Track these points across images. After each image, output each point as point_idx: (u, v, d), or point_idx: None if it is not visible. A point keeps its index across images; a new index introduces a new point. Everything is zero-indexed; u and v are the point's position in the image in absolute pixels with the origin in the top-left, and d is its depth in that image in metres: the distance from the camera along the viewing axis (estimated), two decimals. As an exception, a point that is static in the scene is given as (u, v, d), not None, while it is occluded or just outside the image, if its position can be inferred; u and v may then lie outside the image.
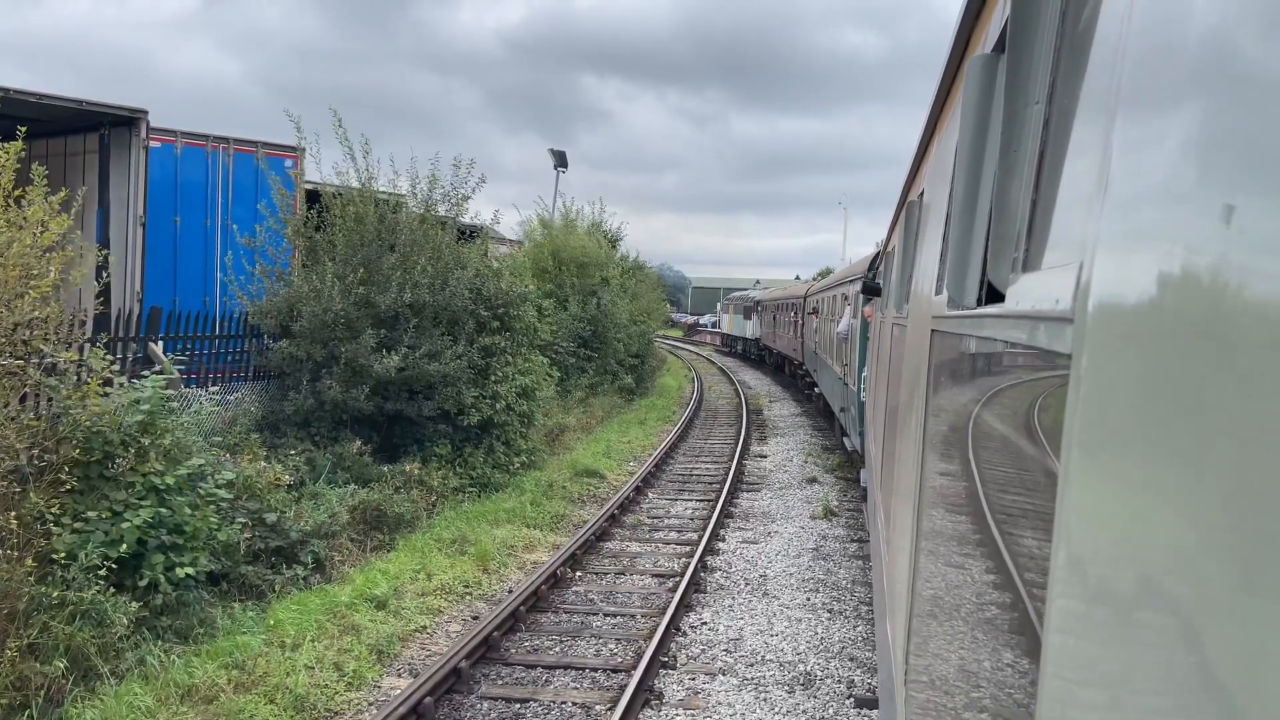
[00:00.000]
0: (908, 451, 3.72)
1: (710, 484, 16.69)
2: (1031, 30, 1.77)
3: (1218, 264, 0.67)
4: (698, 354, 59.45)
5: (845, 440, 17.18)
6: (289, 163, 15.17)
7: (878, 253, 13.23)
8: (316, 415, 11.68)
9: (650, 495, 15.59)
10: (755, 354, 47.87)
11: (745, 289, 62.56)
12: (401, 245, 12.90)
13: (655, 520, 13.77)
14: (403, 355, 11.91)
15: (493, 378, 14.35)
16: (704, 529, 12.88)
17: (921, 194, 4.65)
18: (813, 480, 16.96)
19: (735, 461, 18.39)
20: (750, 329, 48.64)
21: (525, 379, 15.18)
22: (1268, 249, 0.61)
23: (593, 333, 23.41)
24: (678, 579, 10.59)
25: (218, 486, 8.44)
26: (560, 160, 30.19)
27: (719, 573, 11.09)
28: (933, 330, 3.02)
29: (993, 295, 1.91)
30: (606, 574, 11.02)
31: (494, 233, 28.17)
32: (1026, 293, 1.51)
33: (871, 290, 11.95)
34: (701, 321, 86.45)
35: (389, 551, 10.77)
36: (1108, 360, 0.94)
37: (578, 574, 10.90)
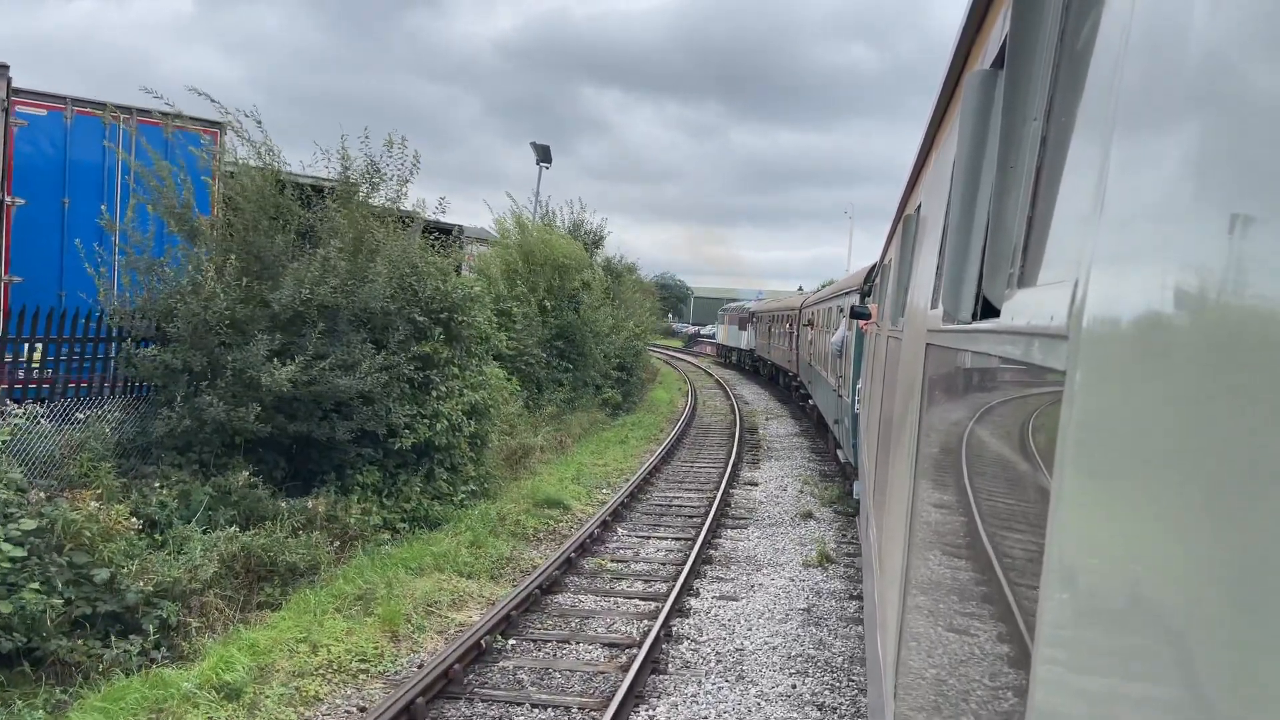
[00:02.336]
0: (900, 465, 3.68)
1: (690, 518, 14.57)
2: (1030, 47, 1.76)
3: (1212, 283, 0.68)
4: (696, 365, 57.28)
5: (839, 452, 16.79)
6: (207, 139, 13.13)
7: (874, 265, 12.97)
8: (200, 438, 9.57)
9: (619, 531, 13.47)
10: (749, 365, 47.66)
11: (747, 300, 62.04)
12: (322, 233, 10.82)
13: (620, 565, 11.66)
14: (303, 365, 9.78)
15: (434, 393, 12.26)
16: (676, 578, 10.79)
17: (919, 207, 4.53)
18: (808, 515, 14.83)
19: (722, 490, 16.29)
20: (745, 340, 48.59)
21: (476, 395, 13.09)
22: (1261, 268, 0.61)
23: (569, 342, 21.28)
24: (634, 651, 8.50)
25: (6, 539, 6.34)
26: (543, 155, 27.87)
27: (686, 643, 8.98)
28: (928, 344, 2.97)
29: (988, 310, 1.92)
30: (546, 642, 8.90)
31: (482, 231, 26.18)
32: (1021, 308, 1.53)
33: (860, 316, 12.19)
34: (703, 332, 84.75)
35: (275, 611, 8.67)
36: (1102, 377, 0.95)
37: (510, 642, 8.79)
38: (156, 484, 8.82)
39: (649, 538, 13.25)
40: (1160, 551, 0.74)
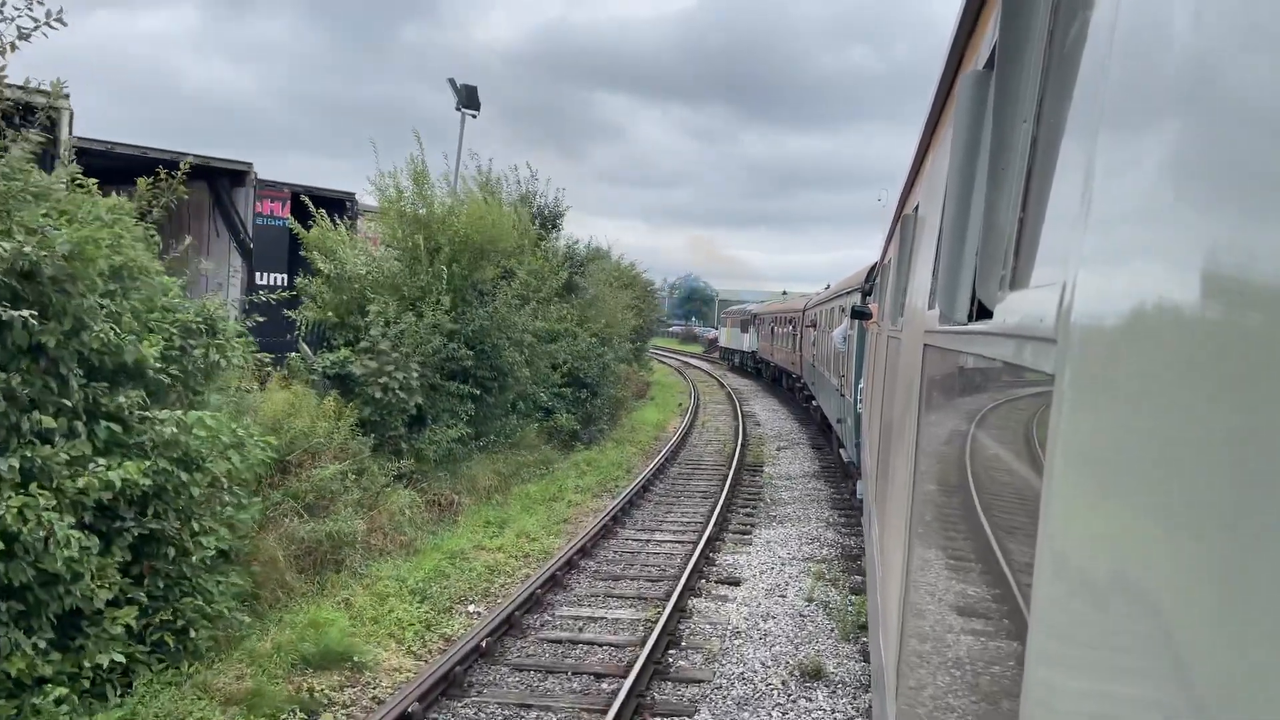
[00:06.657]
0: (901, 463, 3.76)
1: (599, 679, 7.87)
2: (1020, 49, 1.78)
3: (1198, 285, 0.67)
4: (708, 374, 50.28)
5: (841, 451, 16.36)
6: None
7: (875, 265, 12.57)
8: None
9: (434, 733, 6.76)
10: (752, 367, 47.02)
11: (749, 301, 61.03)
12: None
13: None
14: None
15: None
16: None
17: (916, 207, 4.61)
18: (815, 674, 7.99)
19: (674, 602, 9.57)
20: (747, 342, 47.56)
21: (122, 470, 6.42)
22: (1248, 269, 0.61)
23: (478, 355, 14.53)
24: None
25: None
26: (468, 99, 20.97)
27: None
28: (925, 344, 3.05)
29: (983, 311, 1.95)
30: None
31: (364, 207, 19.59)
32: (1013, 310, 1.55)
33: (861, 315, 12.16)
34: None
35: None
36: (1090, 381, 0.95)
37: None
38: None
39: (489, 751, 6.55)
40: (1147, 552, 0.74)
